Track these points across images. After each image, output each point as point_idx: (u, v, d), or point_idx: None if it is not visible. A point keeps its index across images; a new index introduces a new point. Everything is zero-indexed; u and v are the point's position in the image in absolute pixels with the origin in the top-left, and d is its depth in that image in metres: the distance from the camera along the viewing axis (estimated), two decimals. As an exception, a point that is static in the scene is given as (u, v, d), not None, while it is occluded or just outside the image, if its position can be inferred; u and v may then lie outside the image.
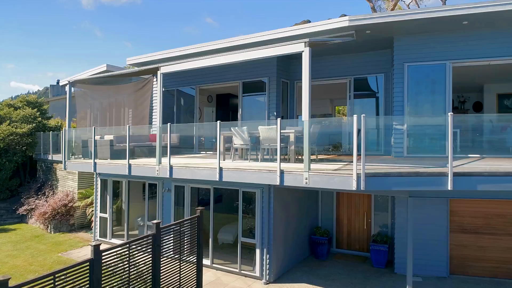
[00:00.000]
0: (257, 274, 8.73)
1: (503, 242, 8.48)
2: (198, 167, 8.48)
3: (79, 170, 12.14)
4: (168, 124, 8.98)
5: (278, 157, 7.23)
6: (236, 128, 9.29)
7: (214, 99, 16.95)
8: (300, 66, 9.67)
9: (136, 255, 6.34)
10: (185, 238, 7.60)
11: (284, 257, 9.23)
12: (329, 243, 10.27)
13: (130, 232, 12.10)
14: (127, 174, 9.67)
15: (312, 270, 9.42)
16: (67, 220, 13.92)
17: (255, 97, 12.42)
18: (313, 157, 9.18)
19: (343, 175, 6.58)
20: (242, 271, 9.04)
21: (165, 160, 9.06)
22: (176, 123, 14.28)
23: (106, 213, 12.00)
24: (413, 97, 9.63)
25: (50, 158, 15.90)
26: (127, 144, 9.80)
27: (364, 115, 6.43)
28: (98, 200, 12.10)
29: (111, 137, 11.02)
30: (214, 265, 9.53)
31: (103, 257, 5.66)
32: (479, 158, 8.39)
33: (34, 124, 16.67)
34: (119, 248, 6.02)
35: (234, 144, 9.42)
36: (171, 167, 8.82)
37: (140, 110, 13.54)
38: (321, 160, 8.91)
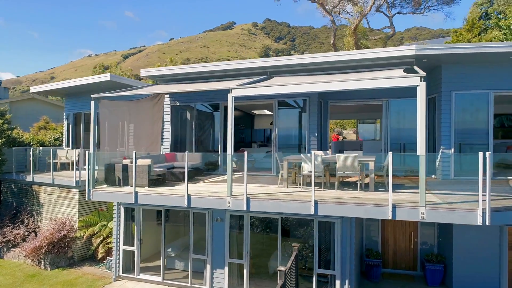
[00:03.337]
0: (339, 306, 8.50)
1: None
2: (285, 199, 7.94)
3: (109, 200, 10.54)
4: (245, 152, 8.26)
5: (390, 190, 7.10)
6: (308, 155, 8.93)
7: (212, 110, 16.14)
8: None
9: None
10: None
11: (356, 285, 9.14)
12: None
13: (150, 264, 10.96)
14: (185, 206, 8.65)
15: (375, 294, 9.48)
16: (65, 253, 12.03)
17: (289, 113, 12.15)
18: (380, 180, 9.30)
19: (465, 210, 6.72)
20: (318, 304, 8.73)
21: (236, 189, 8.33)
22: (179, 139, 13.37)
23: (131, 246, 10.65)
24: (459, 123, 10.25)
25: (29, 178, 13.54)
26: (186, 170, 8.78)
27: (489, 152, 6.65)
28: (122, 232, 10.67)
29: (148, 161, 9.79)
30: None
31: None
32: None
33: (3, 139, 14.04)
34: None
35: (303, 171, 9.06)
36: (248, 199, 8.12)
37: (156, 128, 12.28)
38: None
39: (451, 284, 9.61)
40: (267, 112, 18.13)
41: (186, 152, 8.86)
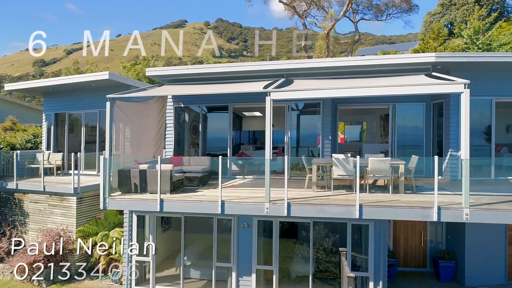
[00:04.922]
0: (374, 307, 8.63)
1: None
2: (328, 203, 7.90)
3: (128, 209, 9.71)
4: (286, 157, 8.10)
5: (435, 192, 7.32)
6: (340, 158, 8.97)
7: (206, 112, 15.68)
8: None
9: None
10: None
11: (384, 286, 9.35)
12: (394, 264, 10.78)
13: (162, 274, 10.41)
14: (219, 212, 8.29)
15: (395, 293, 9.78)
16: (61, 267, 11.01)
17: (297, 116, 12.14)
18: (406, 182, 9.57)
19: (507, 210, 7.14)
20: (351, 306, 8.79)
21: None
22: (181, 142, 12.88)
23: (144, 256, 9.99)
24: (465, 127, 10.86)
25: (11, 186, 12.22)
26: (219, 175, 8.40)
27: (529, 156, 7.12)
28: (134, 242, 9.98)
29: (169, 166, 9.26)
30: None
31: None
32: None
33: (-22, 142, 12.55)
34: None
35: (333, 175, 9.08)
36: (288, 205, 7.96)
37: (162, 131, 11.72)
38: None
39: (463, 279, 10.18)
40: (256, 114, 17.98)
41: (220, 157, 8.50)
